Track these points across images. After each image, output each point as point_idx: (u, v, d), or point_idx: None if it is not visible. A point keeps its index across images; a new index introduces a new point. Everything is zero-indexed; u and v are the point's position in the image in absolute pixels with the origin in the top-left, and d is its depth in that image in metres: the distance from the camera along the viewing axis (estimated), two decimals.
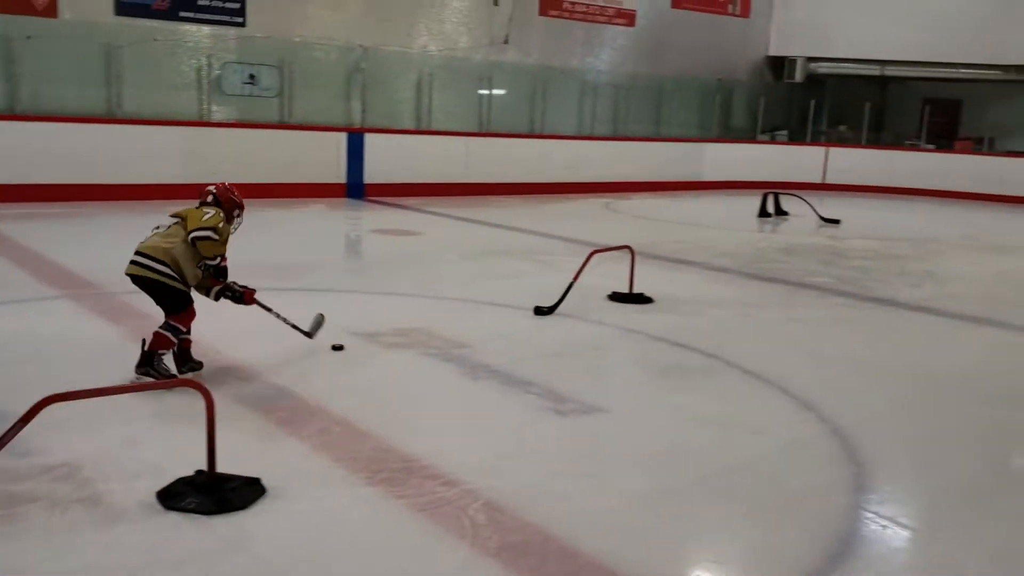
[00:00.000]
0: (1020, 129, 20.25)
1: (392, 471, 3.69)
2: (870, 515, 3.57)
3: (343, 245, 10.89)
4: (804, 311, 7.53)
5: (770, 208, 14.23)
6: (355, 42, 14.39)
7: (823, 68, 20.32)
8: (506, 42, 15.99)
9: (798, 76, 20.22)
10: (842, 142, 20.38)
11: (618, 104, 18.04)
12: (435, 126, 15.37)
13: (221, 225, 4.69)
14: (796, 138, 20.58)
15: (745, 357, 5.70)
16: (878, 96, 22.17)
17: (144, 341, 4.70)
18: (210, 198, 4.82)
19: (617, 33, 17.73)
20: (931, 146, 20.32)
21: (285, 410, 4.40)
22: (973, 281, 9.25)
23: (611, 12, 17.38)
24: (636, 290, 7.34)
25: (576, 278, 6.79)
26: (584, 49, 17.37)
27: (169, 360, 4.76)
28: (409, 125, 15.15)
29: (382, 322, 6.14)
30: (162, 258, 4.60)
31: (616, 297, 7.28)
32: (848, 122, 20.93)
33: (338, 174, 13.96)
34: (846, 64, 20.21)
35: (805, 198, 14.38)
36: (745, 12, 19.59)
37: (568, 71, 17.15)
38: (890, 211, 16.33)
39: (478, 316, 6.71)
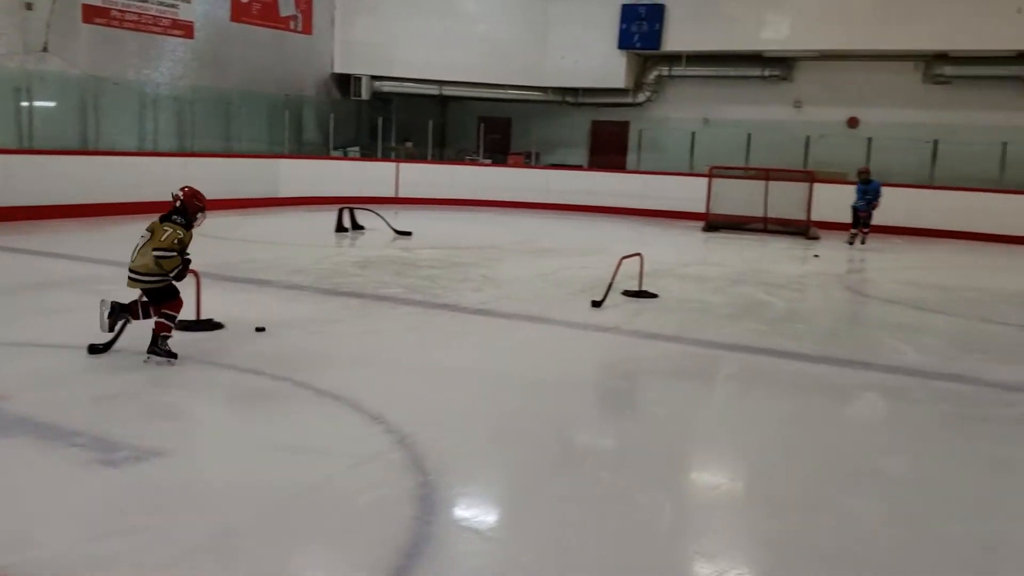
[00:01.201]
0: (559, 144, 22.86)
1: None
2: (435, 522, 3.68)
3: None
4: (377, 323, 7.71)
5: (346, 223, 14.44)
6: None
7: (387, 87, 21.16)
8: (45, 50, 14.38)
9: (364, 94, 20.82)
10: (410, 158, 21.37)
11: (183, 119, 17.15)
12: None
13: (177, 241, 5.97)
14: (368, 154, 21.17)
15: (316, 376, 5.66)
16: (440, 114, 23.66)
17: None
18: (178, 203, 6.16)
19: (176, 45, 16.83)
20: (488, 160, 22.13)
21: None
22: (524, 282, 10.15)
23: (166, 23, 16.45)
24: (204, 316, 6.97)
25: (137, 311, 6.22)
26: (140, 60, 16.23)
27: None
28: None
29: None
30: (150, 271, 5.94)
31: (182, 326, 6.83)
32: (414, 139, 22.03)
33: None
34: (408, 83, 21.24)
35: (379, 212, 14.81)
36: (307, 29, 19.70)
37: (123, 83, 15.91)
38: (456, 222, 17.42)
39: (16, 360, 5.90)
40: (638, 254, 9.39)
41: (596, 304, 8.65)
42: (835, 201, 17.85)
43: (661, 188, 19.97)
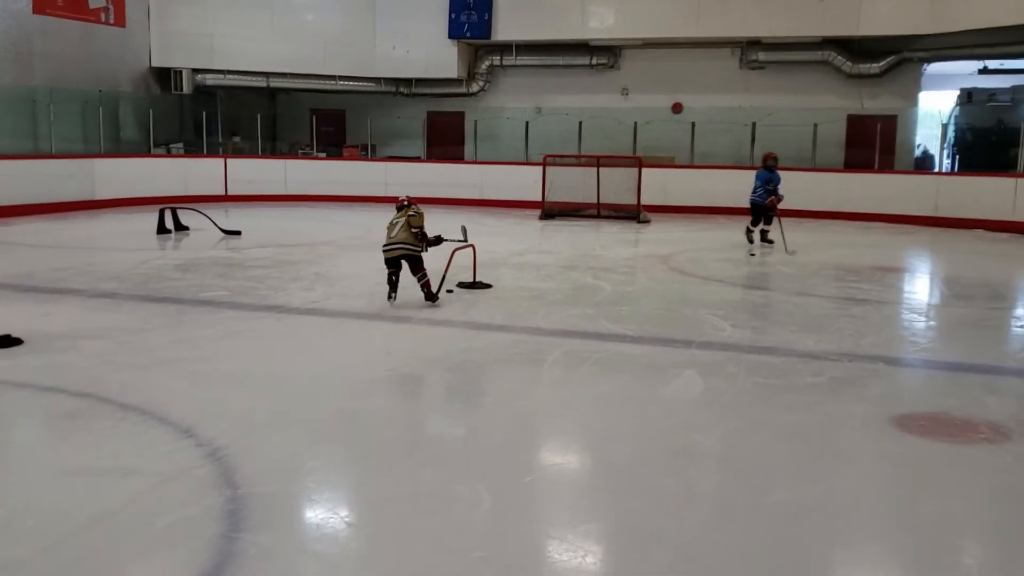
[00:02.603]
0: (396, 136, 22.62)
1: None
2: (241, 539, 3.52)
3: None
4: (194, 330, 7.35)
5: (169, 224, 13.77)
6: None
7: (210, 80, 20.30)
8: None
9: (185, 88, 19.89)
10: (238, 153, 20.62)
11: None
12: None
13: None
14: (193, 150, 20.28)
15: (122, 390, 5.33)
16: (269, 107, 22.93)
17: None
18: (406, 201, 8.55)
19: None
20: (322, 154, 21.64)
21: None
22: (359, 279, 9.96)
23: None
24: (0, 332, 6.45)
25: None
26: None
27: None
28: None
29: None
30: (411, 241, 8.21)
31: None
32: (243, 133, 21.27)
33: None
34: (233, 76, 20.46)
35: (203, 211, 14.20)
36: (120, 22, 18.61)
37: None
38: (289, 219, 16.92)
39: None
40: (470, 245, 9.39)
41: (429, 298, 8.59)
42: (663, 184, 18.54)
43: (497, 178, 20.09)
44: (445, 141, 22.36)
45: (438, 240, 8.46)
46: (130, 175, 18.16)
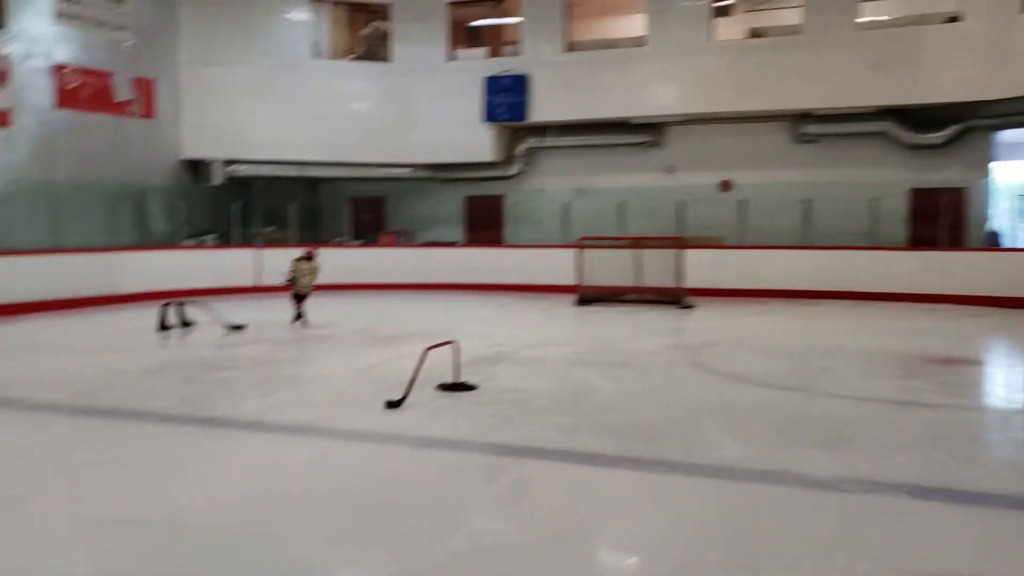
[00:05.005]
0: (435, 221, 22.00)
1: None
2: None
3: None
4: (87, 453, 6.32)
5: (172, 320, 13.14)
6: None
7: (243, 170, 20.03)
8: None
9: (218, 179, 19.66)
10: (273, 243, 20.20)
11: (1, 213, 15.68)
12: None
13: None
14: (227, 242, 19.92)
15: None
16: (309, 196, 22.61)
17: None
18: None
19: None
20: (359, 241, 21.08)
21: None
22: (330, 381, 9.00)
23: None
24: None
25: None
26: None
27: None
28: None
29: None
30: None
31: None
32: (281, 222, 20.89)
33: None
34: (266, 166, 20.17)
35: (209, 305, 13.56)
36: (149, 114, 18.56)
37: None
38: (315, 309, 16.16)
39: None
40: (448, 342, 8.37)
41: (392, 405, 7.56)
42: (711, 266, 17.29)
43: (536, 261, 19.11)
44: (485, 224, 21.62)
45: None
46: (157, 268, 17.78)
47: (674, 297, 16.18)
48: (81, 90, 17.02)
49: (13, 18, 15.88)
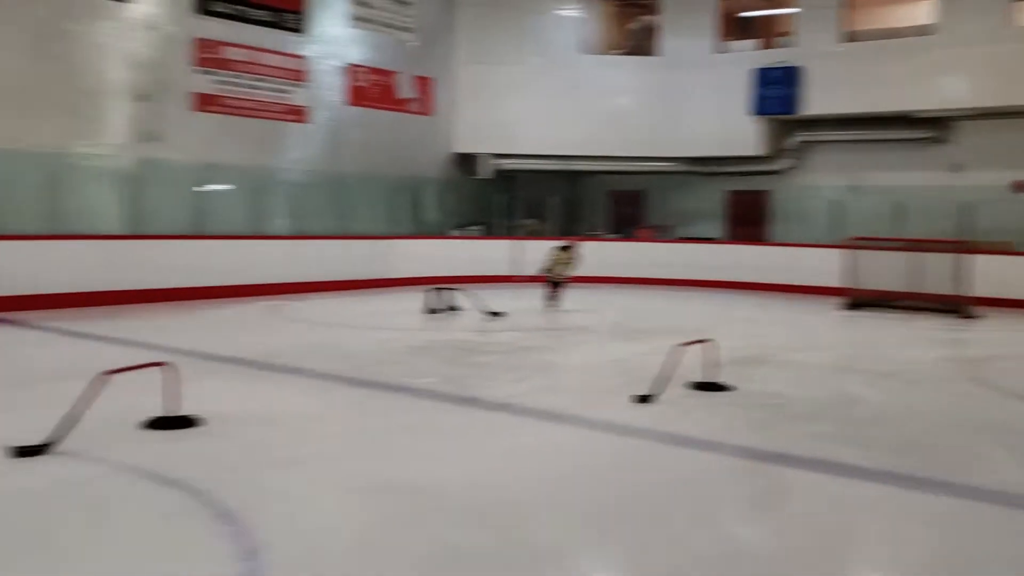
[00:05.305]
0: (694, 216, 21.66)
1: None
2: None
3: None
4: (364, 420, 6.93)
5: (438, 304, 13.93)
6: None
7: (509, 164, 20.78)
8: (157, 139, 14.95)
9: (487, 172, 20.55)
10: (534, 235, 20.79)
11: (298, 202, 17.39)
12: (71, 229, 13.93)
13: None
14: (489, 232, 20.78)
15: (224, 487, 4.96)
16: (570, 190, 23.05)
17: None
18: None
19: (290, 130, 17.20)
20: (616, 235, 21.23)
21: None
22: (583, 371, 9.14)
23: (280, 108, 16.86)
24: (183, 411, 6.48)
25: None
26: (253, 146, 16.64)
27: None
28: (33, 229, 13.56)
29: None
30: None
31: (154, 423, 6.38)
32: (541, 215, 21.48)
33: None
34: (531, 160, 20.80)
35: (472, 292, 14.23)
36: (427, 110, 19.76)
37: (237, 168, 16.34)
38: (570, 300, 16.46)
39: None
40: (703, 340, 8.21)
41: (643, 399, 7.56)
42: (1001, 275, 15.74)
43: (802, 261, 18.29)
44: (747, 220, 20.99)
45: None
46: (426, 255, 18.90)
47: (955, 306, 14.86)
48: (369, 88, 18.46)
49: (314, 22, 17.50)
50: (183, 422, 6.41)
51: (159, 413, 6.37)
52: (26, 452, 5.51)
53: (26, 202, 13.60)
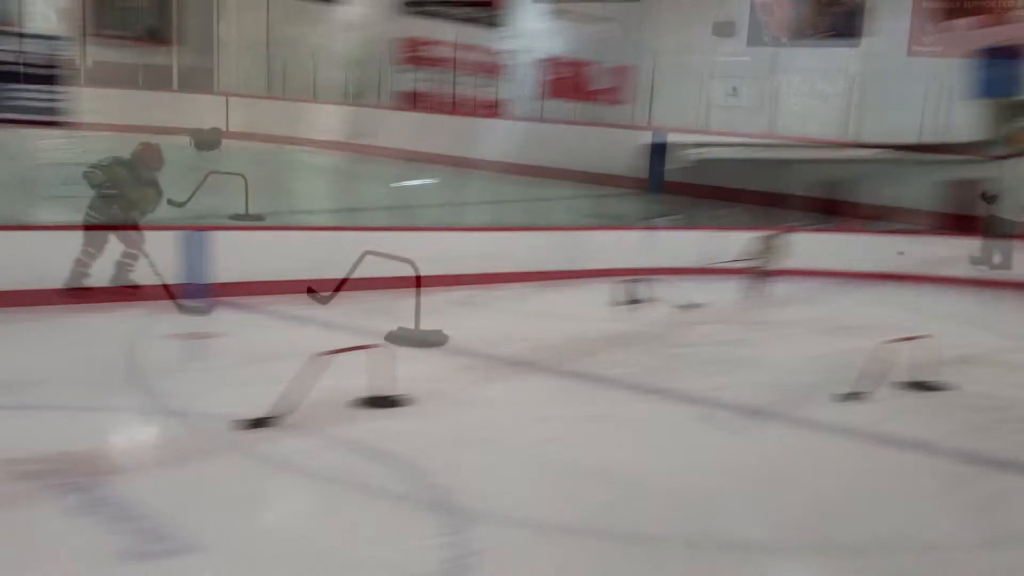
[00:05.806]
0: (905, 204, 20.28)
1: None
2: None
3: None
4: (566, 409, 7.04)
5: (634, 295, 13.82)
6: None
7: (706, 153, 20.34)
8: (368, 136, 15.80)
9: (683, 161, 20.26)
10: (729, 225, 20.21)
11: (494, 195, 17.83)
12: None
13: None
14: (686, 222, 20.38)
15: (392, 476, 5.20)
16: (771, 179, 22.17)
17: None
18: None
19: (488, 124, 17.67)
20: (820, 226, 20.27)
21: None
22: (776, 368, 8.82)
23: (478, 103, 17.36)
24: (395, 393, 6.84)
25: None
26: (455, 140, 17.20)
27: None
28: None
29: None
30: None
31: (365, 402, 6.77)
32: (738, 204, 20.83)
33: None
34: (729, 149, 20.30)
35: (668, 282, 13.98)
36: (625, 100, 19.73)
37: (438, 159, 16.96)
38: (773, 292, 15.78)
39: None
40: (918, 337, 7.73)
41: (849, 397, 7.25)
42: None
43: None
44: (963, 210, 19.42)
45: None
46: (618, 246, 18.63)
47: None
48: (564, 80, 18.67)
49: (515, 17, 17.89)
50: (394, 402, 6.78)
51: (371, 393, 6.76)
52: (255, 424, 6.02)
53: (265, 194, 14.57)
